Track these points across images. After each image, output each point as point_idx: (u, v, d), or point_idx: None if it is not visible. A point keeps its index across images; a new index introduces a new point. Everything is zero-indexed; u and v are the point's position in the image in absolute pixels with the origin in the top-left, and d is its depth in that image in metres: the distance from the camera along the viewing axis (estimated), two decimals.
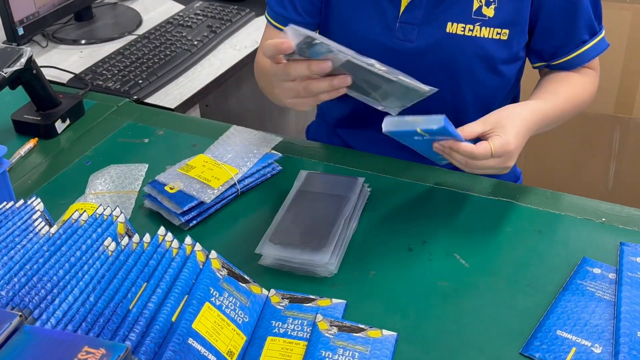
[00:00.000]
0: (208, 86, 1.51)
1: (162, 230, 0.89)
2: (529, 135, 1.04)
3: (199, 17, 1.72)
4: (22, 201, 0.96)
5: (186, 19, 1.71)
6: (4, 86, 1.19)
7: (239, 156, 1.10)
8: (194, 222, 1.03)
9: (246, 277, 0.89)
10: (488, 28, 1.09)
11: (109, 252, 0.86)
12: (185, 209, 1.01)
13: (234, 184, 1.06)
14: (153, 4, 1.86)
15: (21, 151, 1.20)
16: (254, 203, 1.08)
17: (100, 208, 0.93)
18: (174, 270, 0.84)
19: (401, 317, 0.88)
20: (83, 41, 1.67)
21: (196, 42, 1.61)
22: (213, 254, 0.87)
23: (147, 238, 0.88)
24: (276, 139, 1.15)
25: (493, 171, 1.00)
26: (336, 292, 0.91)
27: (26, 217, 0.92)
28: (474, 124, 0.99)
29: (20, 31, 1.52)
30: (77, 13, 1.73)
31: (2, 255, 0.83)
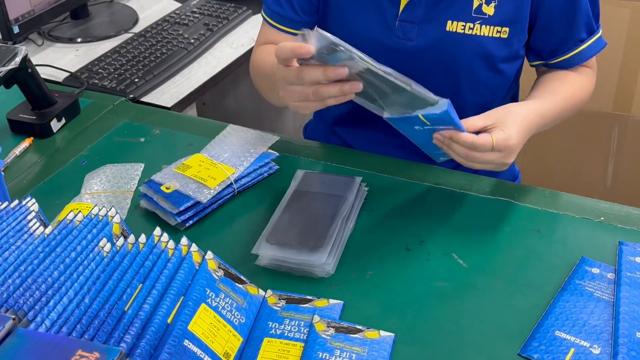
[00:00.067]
0: (205, 85, 1.50)
1: (158, 230, 0.89)
2: (529, 135, 1.03)
3: (196, 15, 1.71)
4: (17, 201, 0.95)
5: (183, 17, 1.70)
6: None
7: (236, 155, 1.10)
8: (190, 222, 1.02)
9: (243, 278, 0.88)
10: (488, 26, 1.09)
11: (104, 253, 0.85)
12: (181, 209, 1.01)
13: (231, 184, 1.06)
14: (149, 2, 1.85)
15: (16, 151, 1.20)
16: (251, 203, 1.07)
17: (95, 208, 0.93)
18: (170, 271, 0.83)
19: (399, 318, 0.87)
20: (79, 39, 1.66)
21: (193, 40, 1.60)
22: (209, 255, 0.87)
23: (143, 239, 0.87)
24: (273, 138, 1.14)
25: (492, 167, 0.99)
26: (333, 293, 0.90)
27: (21, 218, 0.92)
28: (476, 118, 0.98)
29: (15, 29, 1.51)
30: (73, 11, 1.72)
31: None
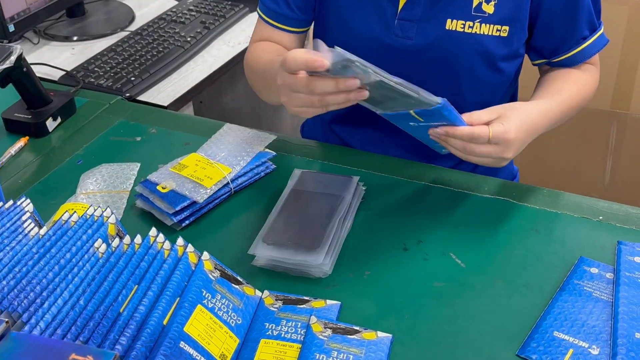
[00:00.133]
0: (201, 83, 1.49)
1: (154, 231, 0.88)
2: (534, 135, 1.02)
3: (192, 13, 1.70)
4: (12, 202, 0.95)
5: (179, 15, 1.70)
6: None
7: (232, 155, 1.09)
8: (187, 222, 1.01)
9: (239, 279, 0.88)
10: (488, 25, 1.08)
11: (100, 254, 0.84)
12: (177, 209, 1.00)
13: (227, 183, 1.05)
14: (146, 0, 1.84)
15: (11, 150, 1.19)
16: (248, 202, 1.06)
17: (90, 209, 0.92)
18: (166, 272, 0.82)
19: (396, 319, 0.86)
20: (75, 38, 1.65)
21: (189, 39, 1.59)
22: (205, 256, 0.86)
23: (138, 239, 0.86)
24: (270, 137, 1.14)
25: (489, 161, 0.98)
26: (330, 293, 0.90)
27: (15, 219, 0.91)
28: (481, 112, 0.97)
29: (11, 28, 1.50)
30: (69, 9, 1.71)
31: None
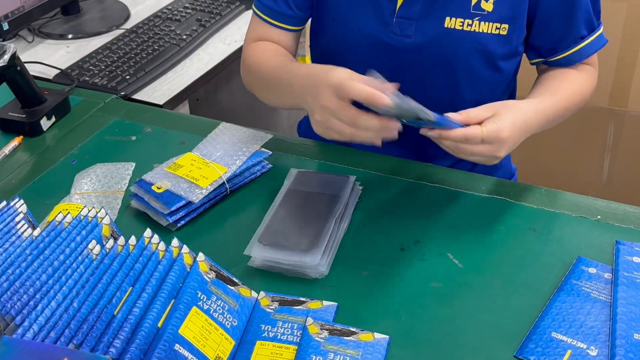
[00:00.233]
0: (197, 81, 1.48)
1: (148, 232, 0.87)
2: (528, 133, 1.01)
3: (188, 11, 1.69)
4: (5, 202, 0.94)
5: (175, 13, 1.68)
6: None
7: (228, 154, 1.08)
8: (182, 223, 1.00)
9: (235, 280, 0.87)
10: (487, 23, 1.07)
11: (94, 256, 0.84)
12: (172, 209, 0.99)
13: (223, 183, 1.04)
14: None
15: (5, 150, 1.18)
16: (244, 203, 1.06)
17: (84, 209, 0.91)
18: (160, 273, 0.82)
19: (393, 320, 0.86)
20: (70, 36, 1.64)
21: (185, 37, 1.58)
22: (201, 257, 0.85)
23: (133, 240, 0.86)
24: (266, 137, 1.13)
25: (482, 159, 0.98)
26: (327, 294, 0.89)
27: (9, 220, 0.91)
28: (478, 110, 0.96)
29: (5, 26, 1.49)
30: (64, 7, 1.70)
31: None
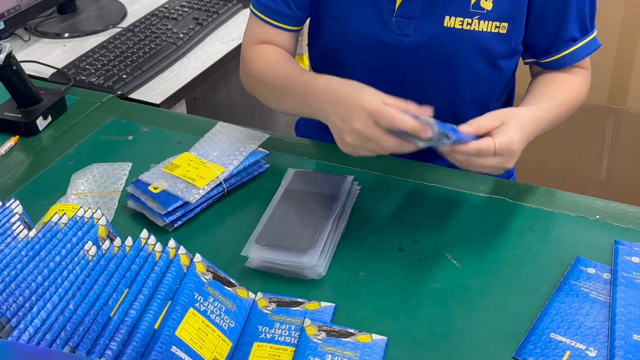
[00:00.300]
0: (194, 80, 1.47)
1: (145, 233, 0.87)
2: (529, 140, 1.00)
3: (185, 9, 1.69)
4: (0, 203, 0.94)
5: (172, 11, 1.68)
6: None
7: (225, 154, 1.08)
8: (179, 223, 1.00)
9: (232, 281, 0.87)
10: (487, 22, 1.06)
11: (90, 257, 0.83)
12: (169, 210, 0.98)
13: (220, 183, 1.04)
14: None
15: (1, 150, 1.17)
16: (241, 203, 1.05)
17: (81, 210, 0.91)
18: (157, 275, 0.81)
19: (391, 321, 0.85)
20: (66, 34, 1.63)
21: (182, 35, 1.57)
22: (197, 258, 0.85)
23: (129, 242, 0.85)
24: (263, 136, 1.12)
25: (491, 170, 0.97)
26: (325, 295, 0.89)
27: (4, 221, 0.90)
28: (487, 118, 0.94)
29: (1, 25, 1.48)
30: (60, 6, 1.69)
31: None
